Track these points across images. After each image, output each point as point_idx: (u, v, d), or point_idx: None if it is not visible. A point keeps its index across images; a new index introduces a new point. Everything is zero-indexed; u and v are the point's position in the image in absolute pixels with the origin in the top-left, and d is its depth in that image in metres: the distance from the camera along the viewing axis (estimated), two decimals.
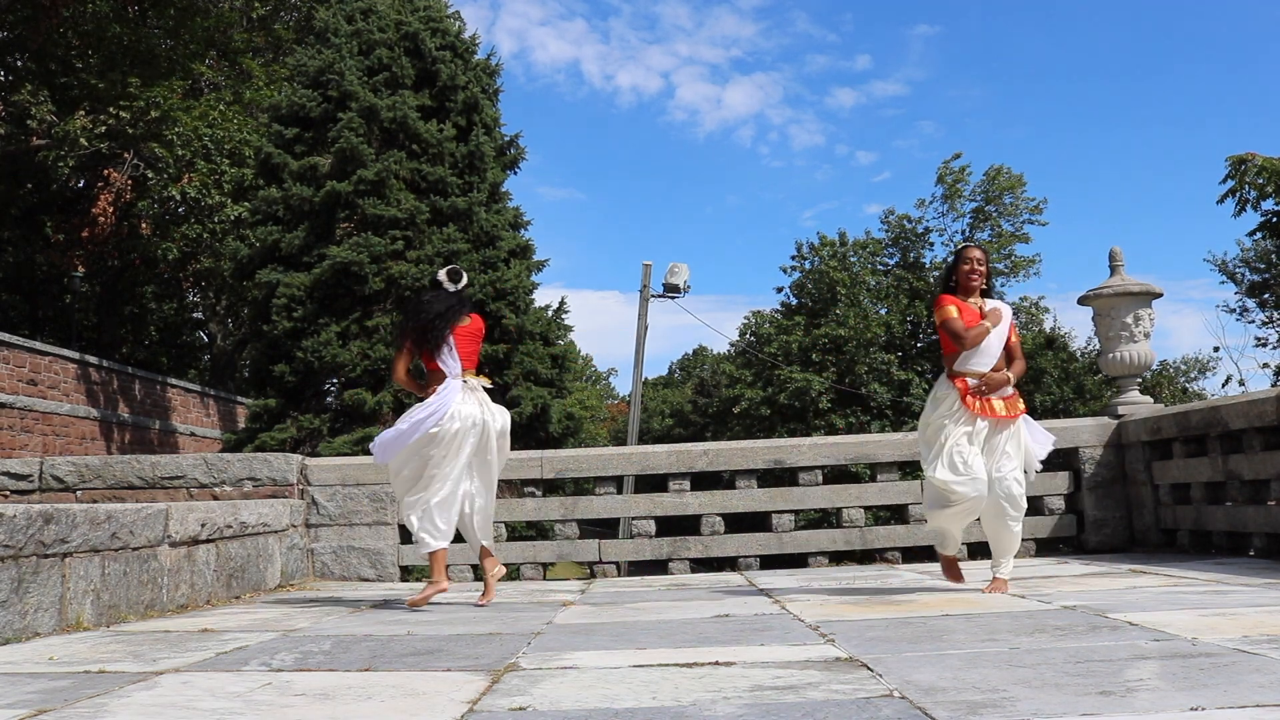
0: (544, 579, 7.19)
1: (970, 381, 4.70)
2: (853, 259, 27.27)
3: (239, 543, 5.86)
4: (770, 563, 7.27)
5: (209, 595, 5.45)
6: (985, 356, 4.73)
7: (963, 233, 27.49)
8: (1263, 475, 5.71)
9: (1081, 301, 7.64)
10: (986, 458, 4.66)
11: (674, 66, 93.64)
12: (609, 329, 77.22)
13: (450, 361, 4.96)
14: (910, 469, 8.20)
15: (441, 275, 5.17)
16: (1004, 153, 76.00)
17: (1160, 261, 76.51)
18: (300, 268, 12.20)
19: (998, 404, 4.70)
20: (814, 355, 24.35)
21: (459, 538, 5.12)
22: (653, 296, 20.97)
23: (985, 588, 4.79)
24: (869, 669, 2.87)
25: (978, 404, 4.66)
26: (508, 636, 3.86)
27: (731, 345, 30.24)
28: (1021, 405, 4.83)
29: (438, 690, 2.77)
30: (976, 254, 4.88)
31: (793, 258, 28.36)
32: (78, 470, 6.83)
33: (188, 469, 6.84)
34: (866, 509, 7.36)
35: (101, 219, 20.28)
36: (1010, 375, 4.78)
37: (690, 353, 49.94)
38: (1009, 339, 4.87)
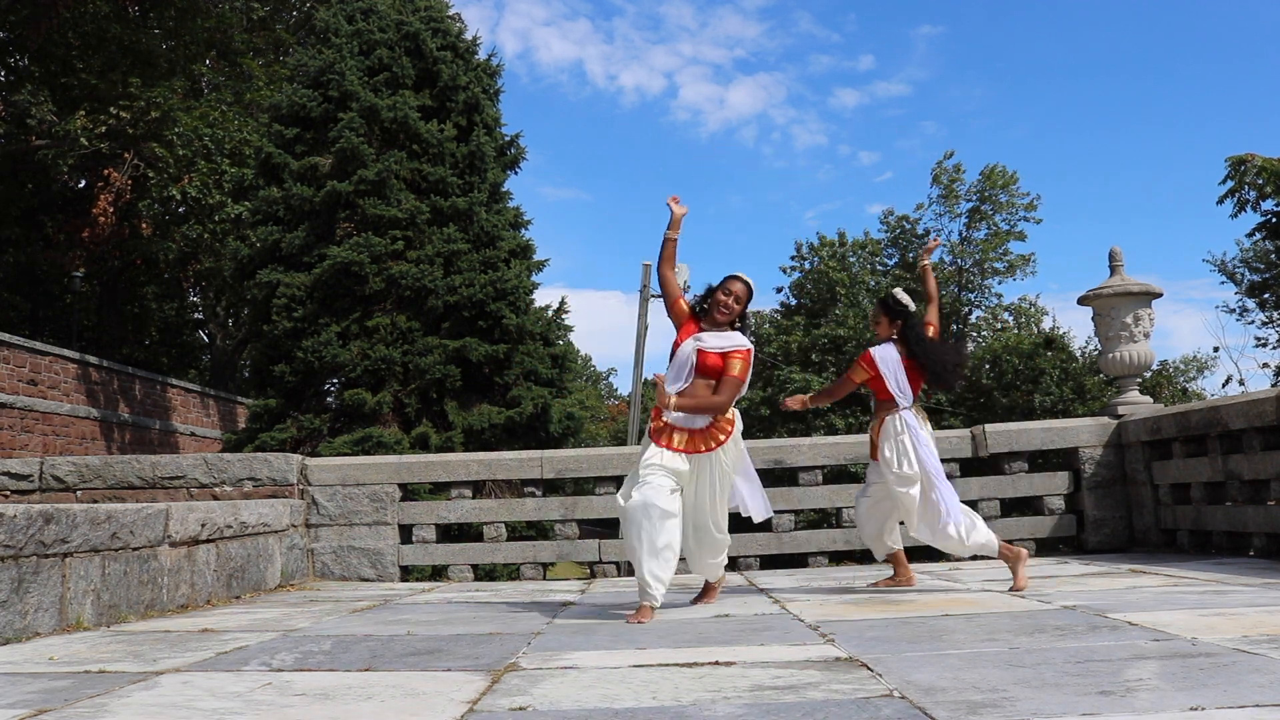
0: (544, 579, 7.19)
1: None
2: (852, 259, 27.29)
3: (239, 543, 5.87)
4: (770, 563, 7.27)
5: (209, 595, 5.45)
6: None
7: (960, 232, 27.53)
8: (1262, 475, 5.71)
9: (1081, 301, 7.64)
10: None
11: (677, 67, 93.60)
12: (610, 329, 77.21)
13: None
14: None
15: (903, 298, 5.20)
16: (1005, 152, 75.90)
17: (1160, 261, 76.52)
18: (300, 268, 12.19)
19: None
20: (814, 355, 24.34)
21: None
22: (653, 296, 20.96)
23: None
24: (869, 669, 2.87)
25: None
26: (508, 636, 3.86)
27: None
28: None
29: (438, 690, 2.77)
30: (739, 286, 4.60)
31: (792, 258, 28.37)
32: (78, 470, 6.83)
33: (188, 469, 6.84)
34: None
35: (102, 219, 20.27)
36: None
37: None
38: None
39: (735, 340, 4.55)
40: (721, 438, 4.47)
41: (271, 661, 3.34)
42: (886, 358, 5.04)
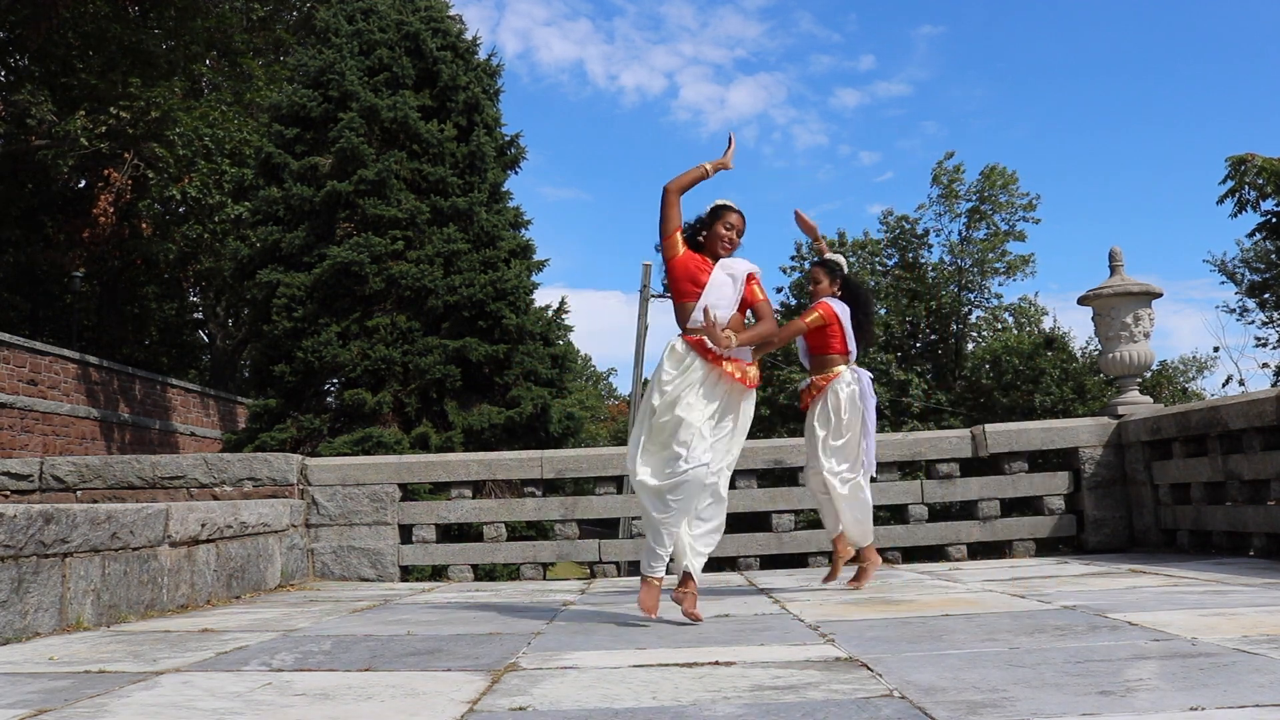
0: (544, 579, 7.19)
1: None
2: (851, 259, 27.28)
3: (239, 543, 5.87)
4: (770, 563, 7.27)
5: (209, 595, 5.45)
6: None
7: (960, 232, 27.52)
8: (1262, 475, 5.71)
9: (1081, 301, 7.64)
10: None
11: (678, 66, 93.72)
12: (610, 329, 77.22)
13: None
14: (910, 469, 8.20)
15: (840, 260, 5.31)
16: (1005, 152, 76.01)
17: (1160, 261, 76.55)
18: (300, 268, 12.19)
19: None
20: None
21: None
22: (653, 296, 20.95)
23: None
24: (869, 669, 2.87)
25: None
26: (508, 636, 3.86)
27: None
28: None
29: (438, 690, 2.77)
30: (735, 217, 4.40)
31: (792, 258, 28.35)
32: (78, 470, 6.83)
33: (188, 469, 6.84)
34: None
35: (102, 219, 20.27)
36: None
37: None
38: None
39: (748, 265, 4.35)
40: (755, 372, 4.27)
41: (271, 661, 3.34)
42: (843, 311, 5.13)
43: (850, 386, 5.05)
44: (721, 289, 4.24)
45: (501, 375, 12.29)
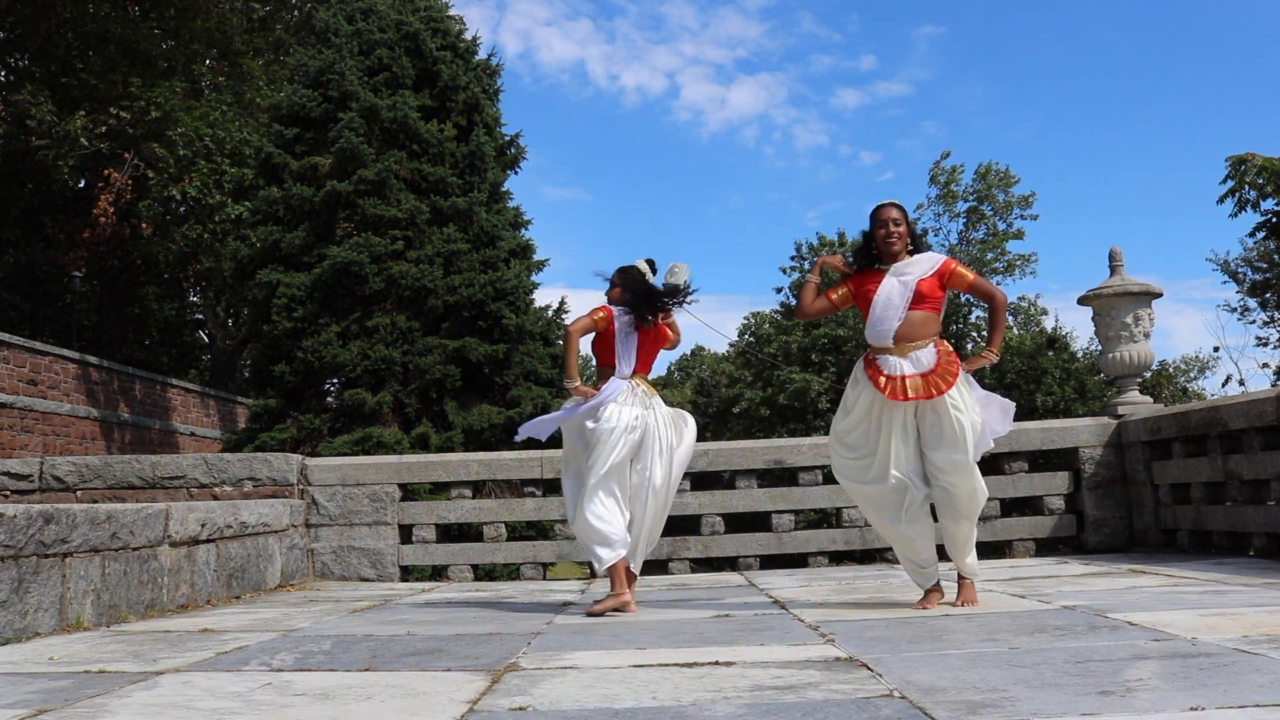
0: (544, 579, 7.19)
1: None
2: (852, 259, 27.25)
3: (239, 543, 5.86)
4: (770, 563, 7.27)
5: (209, 595, 5.45)
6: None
7: (959, 232, 27.51)
8: (1262, 475, 5.71)
9: (1081, 301, 7.64)
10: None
11: (679, 67, 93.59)
12: None
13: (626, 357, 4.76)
14: None
15: (642, 264, 5.05)
16: (1005, 152, 75.82)
17: (1160, 261, 76.46)
18: (300, 268, 12.18)
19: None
20: (814, 355, 24.30)
21: None
22: None
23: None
24: (869, 669, 2.87)
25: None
26: (508, 636, 3.86)
27: (731, 345, 30.18)
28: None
29: (438, 690, 2.77)
30: (894, 213, 4.53)
31: (792, 258, 28.34)
32: (78, 470, 6.83)
33: (188, 469, 6.84)
34: None
35: (102, 219, 20.24)
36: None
37: (689, 353, 49.78)
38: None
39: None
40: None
41: (271, 661, 3.34)
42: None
43: None
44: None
45: (501, 375, 12.28)
